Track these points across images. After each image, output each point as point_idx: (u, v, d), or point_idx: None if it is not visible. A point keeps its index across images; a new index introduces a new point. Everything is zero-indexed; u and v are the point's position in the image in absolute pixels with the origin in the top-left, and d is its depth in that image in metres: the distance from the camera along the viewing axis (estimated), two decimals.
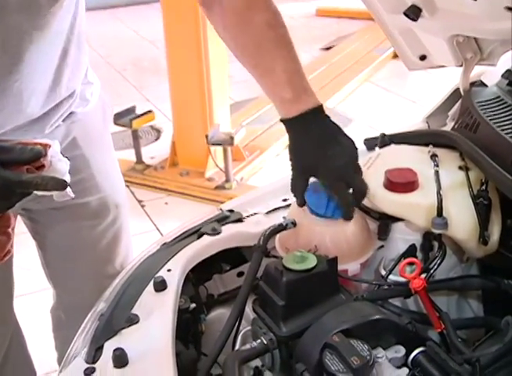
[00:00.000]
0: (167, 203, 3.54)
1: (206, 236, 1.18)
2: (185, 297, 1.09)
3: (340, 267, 1.02)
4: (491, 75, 1.35)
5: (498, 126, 1.14)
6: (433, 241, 1.13)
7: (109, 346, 0.95)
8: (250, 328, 1.05)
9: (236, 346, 1.05)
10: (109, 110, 1.50)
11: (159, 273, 1.09)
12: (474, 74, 1.39)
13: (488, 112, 1.19)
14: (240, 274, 1.24)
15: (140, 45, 6.46)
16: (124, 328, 0.98)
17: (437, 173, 1.11)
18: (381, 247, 1.17)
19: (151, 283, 1.07)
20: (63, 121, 1.29)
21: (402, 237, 1.15)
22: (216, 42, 3.33)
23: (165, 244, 1.19)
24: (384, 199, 1.12)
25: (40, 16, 1.08)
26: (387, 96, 4.96)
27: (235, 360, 0.91)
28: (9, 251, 1.08)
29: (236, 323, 1.01)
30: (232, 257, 1.24)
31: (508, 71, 1.29)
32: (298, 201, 1.13)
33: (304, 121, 1.09)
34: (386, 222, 1.15)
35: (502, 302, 1.07)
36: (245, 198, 1.36)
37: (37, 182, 0.91)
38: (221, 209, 1.28)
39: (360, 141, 1.48)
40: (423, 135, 1.30)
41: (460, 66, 1.33)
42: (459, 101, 1.40)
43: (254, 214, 1.27)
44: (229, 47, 1.18)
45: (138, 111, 3.64)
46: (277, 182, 1.40)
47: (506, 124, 1.14)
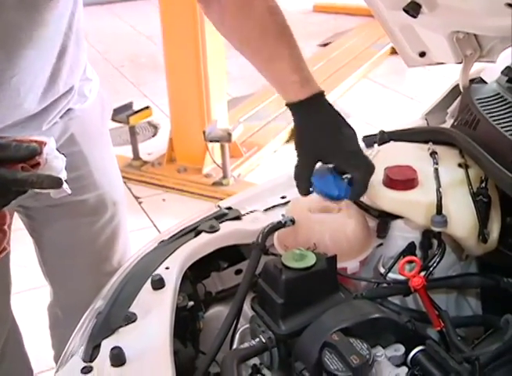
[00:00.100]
0: (164, 199, 3.54)
1: (204, 233, 1.18)
2: (183, 294, 1.09)
3: (339, 265, 1.01)
4: (490, 72, 1.34)
5: (498, 123, 1.13)
6: (432, 239, 1.12)
7: (107, 345, 0.94)
8: (248, 326, 1.04)
9: (234, 344, 1.04)
10: (108, 107, 1.49)
11: (157, 271, 1.09)
12: (474, 70, 1.38)
13: (487, 109, 1.19)
14: (238, 272, 1.24)
15: (137, 41, 6.45)
16: (121, 327, 0.98)
17: (436, 170, 1.10)
18: (380, 244, 1.17)
19: (149, 281, 1.06)
20: (60, 117, 1.28)
21: (401, 235, 1.14)
22: (214, 38, 3.32)
23: (163, 242, 1.18)
24: (384, 196, 1.11)
25: (37, 13, 1.07)
26: (385, 93, 4.96)
27: (233, 359, 0.90)
28: (5, 248, 1.07)
29: (235, 322, 1.01)
30: (230, 254, 1.24)
31: (508, 68, 1.28)
32: (303, 189, 1.11)
33: (313, 103, 1.10)
34: (385, 219, 1.15)
35: (502, 300, 1.07)
36: (243, 195, 1.35)
37: (33, 180, 0.90)
38: (219, 206, 1.28)
39: (359, 138, 1.47)
40: (422, 132, 1.29)
41: (460, 63, 1.33)
42: (459, 98, 1.40)
43: (253, 211, 1.27)
44: (231, 40, 1.18)
45: (136, 107, 3.63)
46: (275, 179, 1.39)
47: (505, 122, 1.13)
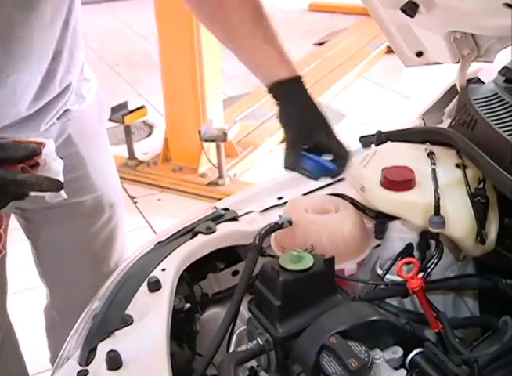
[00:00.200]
0: (159, 199, 3.53)
1: (200, 235, 1.17)
2: (179, 296, 1.08)
3: (336, 266, 1.00)
4: (488, 72, 1.34)
5: (495, 124, 1.13)
6: (430, 240, 1.12)
7: (103, 348, 0.94)
8: (245, 328, 1.03)
9: (231, 346, 1.03)
10: (105, 108, 1.48)
11: (153, 273, 1.08)
12: (471, 70, 1.37)
13: (485, 109, 1.18)
14: (235, 273, 1.23)
15: (133, 40, 6.43)
16: (118, 329, 0.97)
17: (434, 171, 1.09)
18: (378, 246, 1.16)
19: (145, 283, 1.05)
20: (57, 118, 1.27)
21: (399, 236, 1.14)
22: (209, 37, 3.30)
23: (159, 243, 1.18)
24: (381, 197, 1.10)
25: (33, 10, 1.06)
26: (381, 92, 4.96)
27: (230, 362, 0.90)
28: (0, 251, 1.07)
29: (232, 324, 1.00)
30: (227, 255, 1.23)
31: (505, 68, 1.28)
32: (295, 165, 1.11)
33: (298, 83, 1.12)
34: (383, 220, 1.14)
35: (500, 302, 1.06)
36: (240, 196, 1.35)
37: (32, 182, 0.89)
38: (215, 207, 1.27)
39: (355, 138, 1.47)
40: (419, 132, 1.28)
41: (457, 63, 1.32)
42: (456, 98, 1.39)
43: (249, 212, 1.26)
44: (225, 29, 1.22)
45: (131, 107, 3.62)
46: (272, 179, 1.39)
47: (503, 122, 1.13)
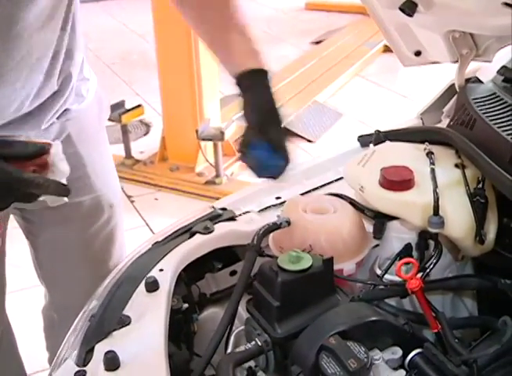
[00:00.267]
0: (156, 198, 3.52)
1: (198, 234, 1.17)
2: (177, 297, 1.07)
3: (335, 267, 1.00)
4: (486, 71, 1.34)
5: (494, 123, 1.12)
6: (428, 240, 1.11)
7: (101, 348, 0.93)
8: (243, 328, 1.03)
9: (229, 346, 1.03)
10: (105, 107, 1.47)
11: (151, 273, 1.07)
12: (469, 70, 1.37)
13: (484, 109, 1.18)
14: (233, 273, 1.23)
15: (129, 39, 6.42)
16: (115, 330, 0.96)
17: (433, 171, 1.09)
18: (376, 246, 1.16)
19: (143, 284, 1.05)
20: (57, 118, 1.26)
21: (397, 236, 1.13)
22: None
23: (157, 243, 1.17)
24: (380, 197, 1.10)
25: (32, 5, 1.04)
26: (378, 91, 4.96)
27: (229, 363, 0.89)
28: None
29: (230, 324, 1.00)
30: (225, 255, 1.22)
31: (503, 67, 1.28)
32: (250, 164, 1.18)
33: (263, 76, 1.15)
34: (381, 220, 1.13)
35: (499, 302, 1.06)
36: (237, 196, 1.34)
37: (39, 183, 0.89)
38: (213, 207, 1.26)
39: (353, 137, 1.47)
40: (418, 132, 1.28)
41: (456, 63, 1.32)
42: (455, 97, 1.39)
43: (247, 212, 1.26)
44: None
45: (128, 106, 3.60)
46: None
47: (502, 122, 1.12)
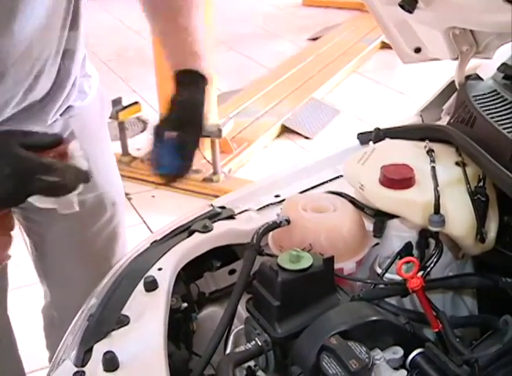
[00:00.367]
0: (154, 196, 3.51)
1: (197, 233, 1.16)
2: (176, 296, 1.07)
3: (335, 266, 0.99)
4: (487, 68, 1.33)
5: (495, 121, 1.11)
6: (429, 238, 1.11)
7: (99, 349, 0.92)
8: (242, 327, 1.02)
9: (228, 345, 1.02)
10: (107, 104, 1.47)
11: (149, 272, 1.06)
12: (469, 67, 1.36)
13: (484, 106, 1.17)
14: (232, 272, 1.22)
15: (125, 35, 6.39)
16: (114, 330, 0.96)
17: (433, 169, 1.08)
18: (376, 244, 1.15)
19: (141, 283, 1.04)
20: (60, 115, 1.26)
21: (398, 234, 1.12)
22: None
23: (155, 242, 1.16)
24: (380, 196, 1.09)
25: None
26: (375, 87, 4.95)
27: (229, 363, 0.88)
28: (8, 256, 1.06)
29: (229, 324, 0.99)
30: (223, 254, 1.22)
31: (504, 64, 1.27)
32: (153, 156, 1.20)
33: (205, 80, 1.16)
34: (382, 219, 1.13)
35: (500, 300, 1.05)
36: (236, 194, 1.33)
37: (58, 167, 0.89)
38: (212, 205, 1.26)
39: (350, 134, 1.46)
40: (418, 129, 1.27)
41: (455, 60, 1.31)
42: (454, 95, 1.38)
43: (246, 210, 1.25)
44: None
45: (125, 102, 3.59)
46: (269, 177, 1.38)
47: (503, 119, 1.12)
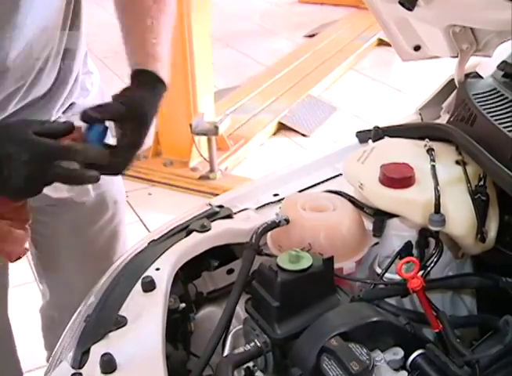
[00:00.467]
0: (150, 193, 3.50)
1: (195, 233, 1.14)
2: (174, 296, 1.06)
3: (335, 265, 0.98)
4: (486, 66, 1.32)
5: (495, 119, 1.11)
6: (429, 238, 1.10)
7: (96, 350, 0.91)
8: (240, 327, 1.01)
9: (227, 346, 1.01)
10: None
11: (147, 272, 1.05)
12: (468, 65, 1.35)
13: (484, 104, 1.16)
14: (230, 271, 1.21)
15: None
16: (111, 331, 0.94)
17: (433, 168, 1.07)
18: (376, 244, 1.14)
19: (139, 283, 1.03)
20: (63, 112, 1.26)
21: (397, 234, 1.11)
22: (200, 29, 3.28)
23: (153, 242, 1.15)
24: (380, 195, 1.08)
25: None
26: (372, 85, 4.93)
27: (228, 365, 0.87)
28: (27, 249, 1.05)
29: (228, 325, 0.98)
30: (221, 253, 1.20)
31: (504, 62, 1.26)
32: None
33: (162, 83, 1.15)
34: (381, 218, 1.12)
35: (500, 300, 1.05)
36: (234, 193, 1.32)
37: (77, 150, 0.90)
38: (210, 204, 1.24)
39: (348, 131, 1.45)
40: (418, 128, 1.27)
41: (455, 57, 1.30)
42: (454, 93, 1.37)
43: (244, 209, 1.24)
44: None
45: None
46: (267, 176, 1.37)
47: (503, 118, 1.11)
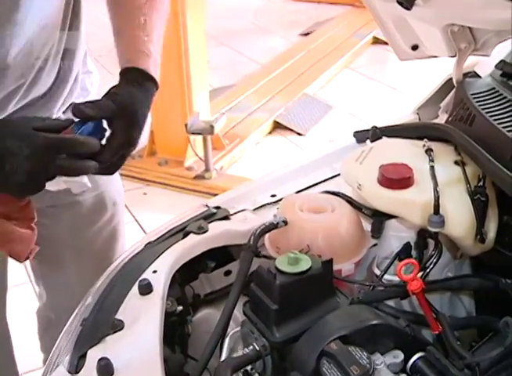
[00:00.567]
0: (145, 193, 3.48)
1: (192, 234, 1.13)
2: (171, 299, 1.05)
3: (333, 267, 0.98)
4: (484, 66, 1.31)
5: (494, 119, 1.10)
6: (428, 239, 1.09)
7: (93, 354, 0.90)
8: (238, 329, 1.00)
9: (224, 348, 1.00)
10: None
11: (144, 275, 1.04)
12: (466, 64, 1.35)
13: (483, 104, 1.15)
14: (227, 273, 1.20)
15: None
16: (108, 335, 0.93)
17: (432, 168, 1.06)
18: (374, 245, 1.13)
19: (136, 286, 1.02)
20: (63, 112, 1.25)
21: (396, 235, 1.10)
22: (195, 27, 3.27)
23: (150, 244, 1.14)
24: (378, 196, 1.07)
25: None
26: (367, 83, 4.93)
27: (227, 369, 0.87)
28: (34, 248, 1.04)
29: (227, 327, 0.97)
30: (218, 254, 1.19)
31: (502, 62, 1.25)
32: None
33: (153, 82, 1.14)
34: (380, 219, 1.11)
35: (500, 302, 1.04)
36: (231, 194, 1.31)
37: (82, 140, 0.93)
38: (206, 206, 1.23)
39: (344, 130, 1.44)
40: (416, 128, 1.26)
41: (453, 57, 1.29)
42: (452, 92, 1.37)
43: (242, 210, 1.23)
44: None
45: None
46: (264, 176, 1.36)
47: (502, 117, 1.10)
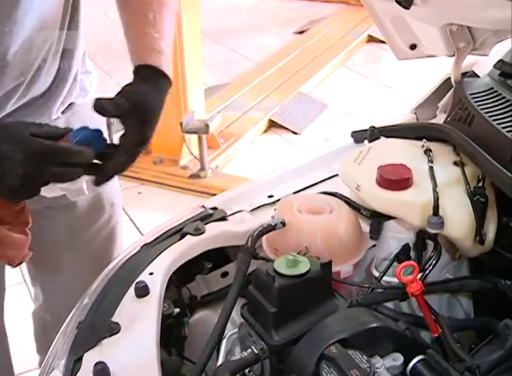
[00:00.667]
0: (140, 192, 3.46)
1: (189, 236, 1.12)
2: (168, 301, 1.04)
3: (332, 269, 0.97)
4: (483, 65, 1.31)
5: (493, 119, 1.09)
6: (426, 240, 1.08)
7: (89, 358, 0.89)
8: (235, 331, 0.99)
9: (221, 350, 0.99)
10: None
11: (140, 277, 1.03)
12: (465, 64, 1.34)
13: (482, 104, 1.14)
14: (224, 275, 1.19)
15: (110, 28, 6.30)
16: (104, 338, 0.92)
17: (432, 169, 1.05)
18: (373, 246, 1.12)
19: (132, 289, 1.01)
20: (62, 112, 1.25)
21: (395, 236, 1.10)
22: (190, 26, 3.25)
23: (146, 245, 1.13)
24: (377, 197, 1.06)
25: None
26: (362, 81, 4.92)
27: (225, 372, 0.85)
28: (28, 254, 1.03)
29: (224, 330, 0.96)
30: (215, 255, 1.18)
31: (501, 61, 1.25)
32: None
33: (166, 79, 1.11)
34: (378, 220, 1.10)
35: (499, 303, 1.03)
36: (228, 194, 1.30)
37: (76, 149, 0.92)
38: (203, 207, 1.22)
39: (339, 129, 1.43)
40: (414, 128, 1.25)
41: (452, 56, 1.29)
42: (450, 92, 1.36)
43: (239, 211, 1.22)
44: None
45: None
46: (261, 176, 1.35)
47: (501, 118, 1.09)
